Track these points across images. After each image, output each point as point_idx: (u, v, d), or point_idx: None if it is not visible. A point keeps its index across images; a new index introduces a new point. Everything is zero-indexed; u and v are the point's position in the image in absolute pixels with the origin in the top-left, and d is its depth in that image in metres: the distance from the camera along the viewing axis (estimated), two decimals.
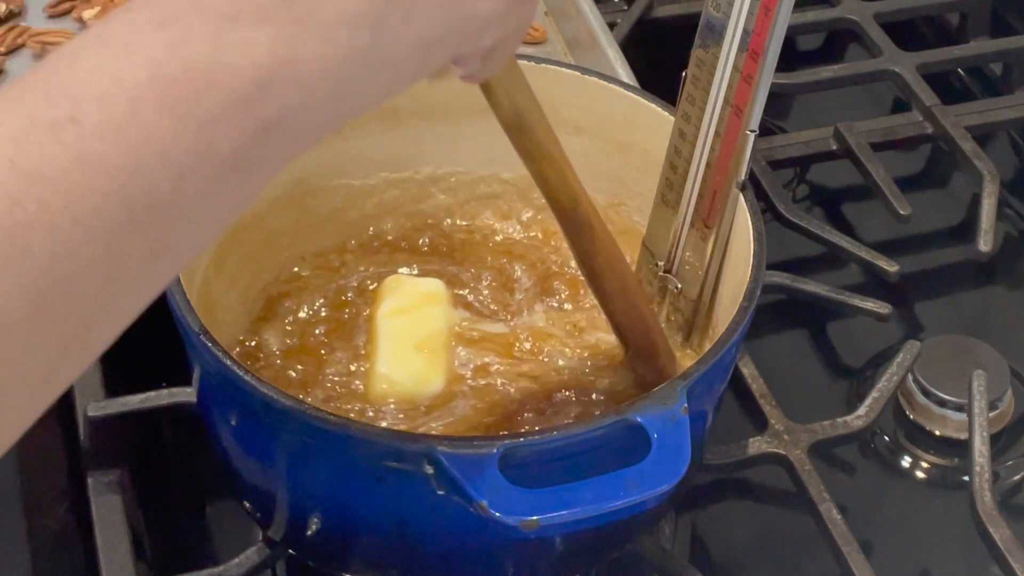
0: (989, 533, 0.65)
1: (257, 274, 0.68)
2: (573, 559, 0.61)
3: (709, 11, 0.58)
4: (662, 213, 0.64)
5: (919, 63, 0.93)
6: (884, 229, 0.85)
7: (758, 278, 0.58)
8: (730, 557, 0.70)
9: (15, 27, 0.86)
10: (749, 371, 0.73)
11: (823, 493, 0.67)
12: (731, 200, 0.60)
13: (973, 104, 0.93)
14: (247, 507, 0.62)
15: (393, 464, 0.52)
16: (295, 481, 0.57)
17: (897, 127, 0.91)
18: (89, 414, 0.65)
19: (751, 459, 0.69)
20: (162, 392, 0.66)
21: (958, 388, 0.73)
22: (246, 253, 0.67)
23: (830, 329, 0.81)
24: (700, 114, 0.60)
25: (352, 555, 0.61)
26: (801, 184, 0.91)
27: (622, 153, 0.69)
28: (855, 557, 0.64)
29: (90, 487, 0.65)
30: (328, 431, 0.52)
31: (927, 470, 0.74)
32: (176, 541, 0.68)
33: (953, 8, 1.03)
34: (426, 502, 0.53)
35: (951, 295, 0.86)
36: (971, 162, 0.86)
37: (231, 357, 0.54)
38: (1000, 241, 0.85)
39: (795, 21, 0.92)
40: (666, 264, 0.64)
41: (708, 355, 0.55)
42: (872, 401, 0.71)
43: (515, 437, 0.51)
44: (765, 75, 0.57)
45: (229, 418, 0.58)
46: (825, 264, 0.84)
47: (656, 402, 0.52)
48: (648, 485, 0.50)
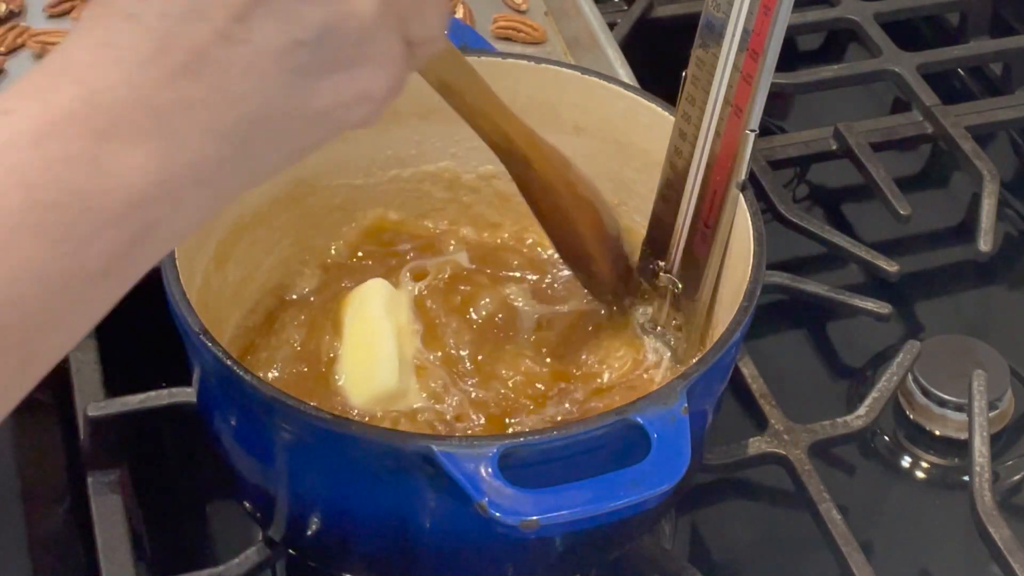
0: (989, 533, 0.65)
1: (257, 274, 0.68)
2: (573, 559, 0.61)
3: (709, 11, 0.58)
4: (662, 213, 0.64)
5: (919, 63, 0.93)
6: (884, 229, 0.85)
7: (758, 278, 0.58)
8: (730, 557, 0.70)
9: (15, 27, 0.86)
10: (749, 371, 0.73)
11: (823, 493, 0.67)
12: (731, 200, 0.60)
13: (973, 104, 0.93)
14: (247, 507, 0.62)
15: (393, 464, 0.52)
16: (295, 481, 0.57)
17: (897, 127, 0.91)
18: (89, 414, 0.65)
19: (751, 459, 0.69)
20: (162, 392, 0.66)
21: (958, 388, 0.73)
22: (246, 253, 0.67)
23: (830, 329, 0.81)
24: (700, 114, 0.60)
25: (352, 555, 0.61)
26: (801, 184, 0.91)
27: (622, 153, 0.69)
28: (855, 557, 0.64)
29: (90, 487, 0.65)
30: (328, 431, 0.52)
31: (927, 470, 0.74)
32: (176, 541, 0.68)
33: (953, 8, 1.03)
34: (426, 502, 0.53)
35: (951, 295, 0.86)
36: (971, 162, 0.86)
37: (231, 357, 0.54)
38: (1000, 241, 0.85)
39: (795, 21, 0.92)
40: (666, 264, 0.64)
41: (708, 355, 0.55)
42: (872, 401, 0.71)
43: (515, 437, 0.51)
44: (765, 75, 0.57)
45: (229, 418, 0.58)
46: (825, 264, 0.84)
47: (656, 402, 0.52)
48: (648, 485, 0.50)
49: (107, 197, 0.38)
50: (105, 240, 0.38)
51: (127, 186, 0.39)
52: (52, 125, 0.38)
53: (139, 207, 0.39)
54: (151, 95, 0.39)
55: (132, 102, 0.39)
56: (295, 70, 0.42)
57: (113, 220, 0.38)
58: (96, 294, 0.40)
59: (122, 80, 0.39)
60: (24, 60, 0.84)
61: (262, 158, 0.43)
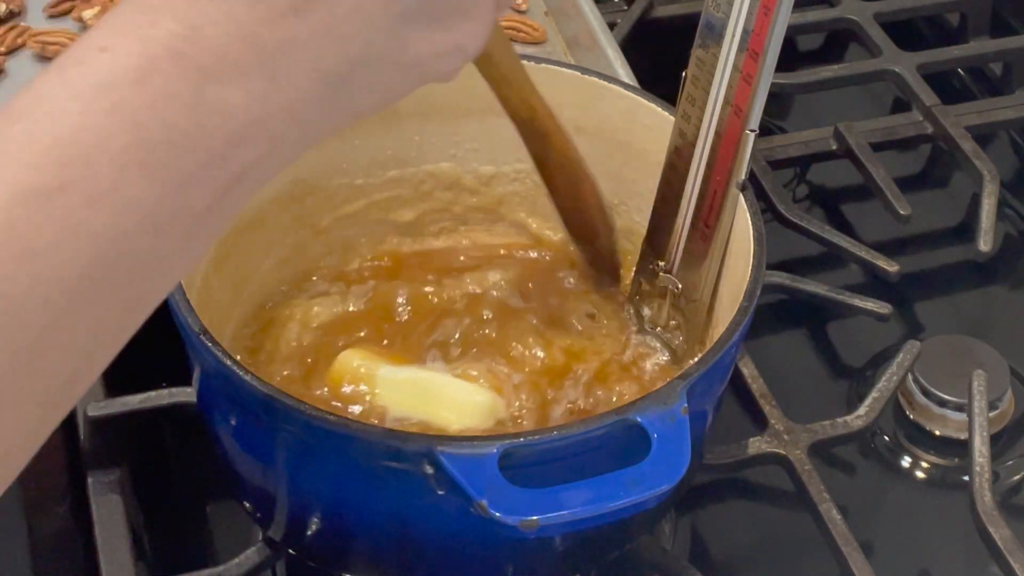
0: (989, 533, 0.65)
1: (258, 274, 0.68)
2: (573, 559, 0.61)
3: (709, 11, 0.58)
4: (662, 213, 0.64)
5: (919, 63, 0.93)
6: (884, 229, 0.85)
7: (758, 278, 0.58)
8: (730, 557, 0.70)
9: (15, 27, 0.86)
10: (749, 371, 0.73)
11: (823, 493, 0.67)
12: (731, 200, 0.60)
13: (973, 104, 0.93)
14: (247, 507, 0.62)
15: (393, 464, 0.52)
16: (295, 481, 0.57)
17: (897, 127, 0.91)
18: (89, 414, 0.65)
19: (751, 459, 0.69)
20: (162, 392, 0.66)
21: (958, 388, 0.73)
22: (247, 253, 0.67)
23: (830, 329, 0.81)
24: (700, 114, 0.60)
25: (352, 555, 0.61)
26: (801, 184, 0.91)
27: (622, 153, 0.69)
28: (855, 557, 0.64)
29: (90, 487, 0.65)
30: (328, 431, 0.52)
31: (927, 470, 0.74)
32: (176, 541, 0.68)
33: (953, 8, 1.03)
34: (426, 502, 0.53)
35: (951, 295, 0.86)
36: (971, 162, 0.86)
37: (231, 357, 0.54)
38: (1000, 241, 0.85)
39: (795, 21, 0.92)
40: (666, 264, 0.64)
41: (708, 355, 0.55)
42: (872, 401, 0.71)
43: (515, 437, 0.51)
44: (765, 75, 0.57)
45: (229, 418, 0.58)
46: (825, 264, 0.84)
47: (656, 402, 0.52)
48: (648, 485, 0.50)
49: (209, 136, 0.38)
50: (208, 179, 0.39)
51: (228, 125, 0.39)
52: (153, 62, 0.38)
53: (239, 147, 0.39)
54: (256, 33, 0.39)
55: (237, 39, 0.39)
56: (400, 16, 0.43)
57: (215, 160, 0.38)
58: (198, 234, 0.40)
59: (225, 17, 0.39)
60: (24, 60, 0.84)
61: (354, 101, 0.43)
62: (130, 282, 0.38)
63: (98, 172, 0.36)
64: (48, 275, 0.36)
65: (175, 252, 0.39)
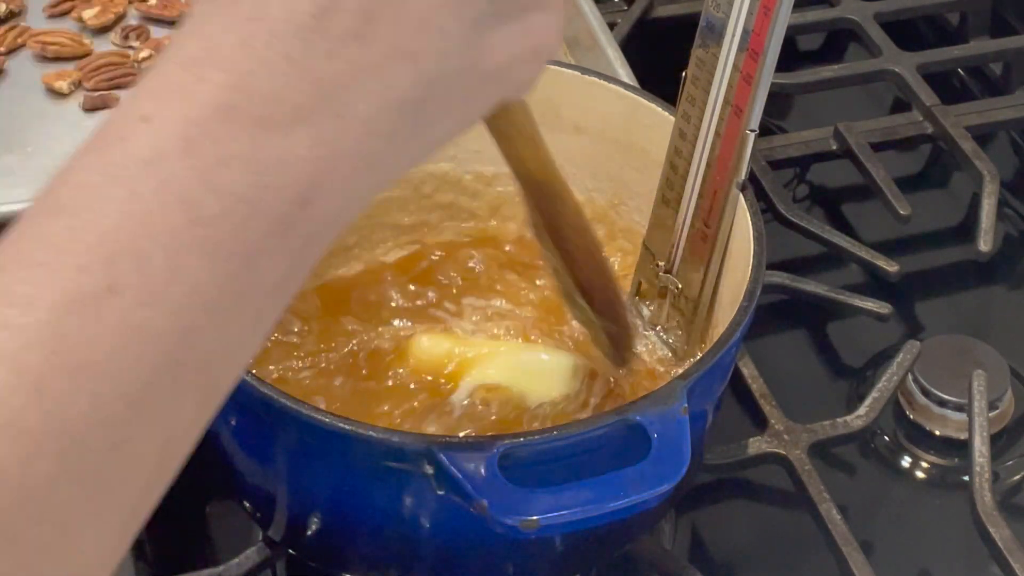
0: (989, 533, 0.65)
1: None
2: (573, 559, 0.61)
3: (709, 11, 0.58)
4: (662, 213, 0.64)
5: (919, 63, 0.93)
6: (884, 229, 0.85)
7: (758, 278, 0.58)
8: (730, 557, 0.70)
9: (15, 27, 0.86)
10: (749, 371, 0.73)
11: (823, 493, 0.67)
12: (731, 200, 0.60)
13: (973, 104, 0.93)
14: (247, 507, 0.62)
15: (393, 464, 0.52)
16: (295, 481, 0.57)
17: (897, 127, 0.91)
18: None
19: (751, 459, 0.69)
20: None
21: (958, 388, 0.73)
22: None
23: (830, 329, 0.81)
24: (700, 114, 0.60)
25: (352, 555, 0.61)
26: (801, 184, 0.91)
27: (622, 153, 0.69)
28: (855, 557, 0.64)
29: None
30: (328, 431, 0.52)
31: (927, 470, 0.74)
32: (176, 541, 0.68)
33: (953, 8, 1.03)
34: (426, 502, 0.53)
35: (951, 295, 0.86)
36: (971, 162, 0.86)
37: None
38: (1000, 241, 0.85)
39: (795, 21, 0.92)
40: (666, 264, 0.64)
41: (708, 355, 0.55)
42: (872, 401, 0.71)
43: (515, 437, 0.51)
44: (765, 75, 0.57)
45: (229, 418, 0.58)
46: (825, 264, 0.84)
47: (656, 402, 0.52)
48: (648, 485, 0.50)
49: (273, 199, 0.34)
50: (277, 249, 0.34)
51: (293, 182, 0.34)
52: (201, 124, 0.33)
53: (307, 205, 0.34)
54: (315, 68, 0.34)
55: (294, 79, 0.34)
56: (473, 21, 0.38)
57: (282, 225, 0.34)
58: (270, 310, 0.36)
59: (279, 56, 0.34)
60: (24, 60, 0.84)
61: (431, 129, 0.39)
62: (199, 380, 0.34)
63: (151, 264, 0.32)
64: (108, 391, 0.32)
65: (247, 335, 0.35)
